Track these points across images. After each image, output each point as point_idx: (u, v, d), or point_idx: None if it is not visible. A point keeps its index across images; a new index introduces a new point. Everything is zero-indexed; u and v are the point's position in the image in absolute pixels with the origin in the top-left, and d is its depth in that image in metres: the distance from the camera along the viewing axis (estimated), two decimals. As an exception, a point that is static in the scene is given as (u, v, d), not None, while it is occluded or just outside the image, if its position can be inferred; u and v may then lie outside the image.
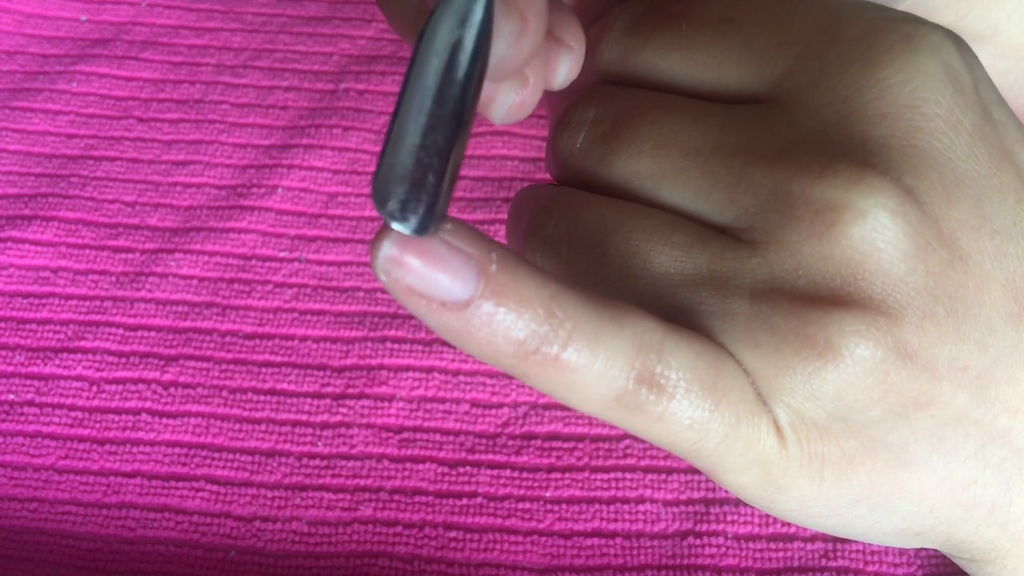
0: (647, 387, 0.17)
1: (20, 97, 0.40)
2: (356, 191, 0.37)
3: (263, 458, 0.31)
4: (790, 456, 0.18)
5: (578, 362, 0.16)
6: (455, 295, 0.16)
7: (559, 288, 0.16)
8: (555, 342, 0.16)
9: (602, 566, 0.29)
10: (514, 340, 0.16)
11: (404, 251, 0.16)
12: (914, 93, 0.17)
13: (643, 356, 0.17)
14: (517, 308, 0.16)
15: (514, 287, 0.16)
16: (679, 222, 0.19)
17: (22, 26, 0.43)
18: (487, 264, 0.16)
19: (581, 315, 0.16)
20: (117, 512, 0.30)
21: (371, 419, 0.32)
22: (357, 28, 0.44)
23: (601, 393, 0.17)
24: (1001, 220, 0.18)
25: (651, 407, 0.17)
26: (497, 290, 0.16)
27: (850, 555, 0.28)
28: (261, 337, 0.34)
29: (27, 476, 0.31)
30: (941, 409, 0.18)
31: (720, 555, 0.29)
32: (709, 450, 0.18)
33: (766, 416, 0.18)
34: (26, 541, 0.30)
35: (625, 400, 0.17)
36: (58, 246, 0.36)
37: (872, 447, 0.18)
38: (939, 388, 0.17)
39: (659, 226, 0.19)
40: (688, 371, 0.17)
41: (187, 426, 0.32)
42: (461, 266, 0.16)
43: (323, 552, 0.30)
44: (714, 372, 0.17)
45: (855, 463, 0.18)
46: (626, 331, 0.17)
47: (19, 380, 0.33)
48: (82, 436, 0.32)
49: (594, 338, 0.16)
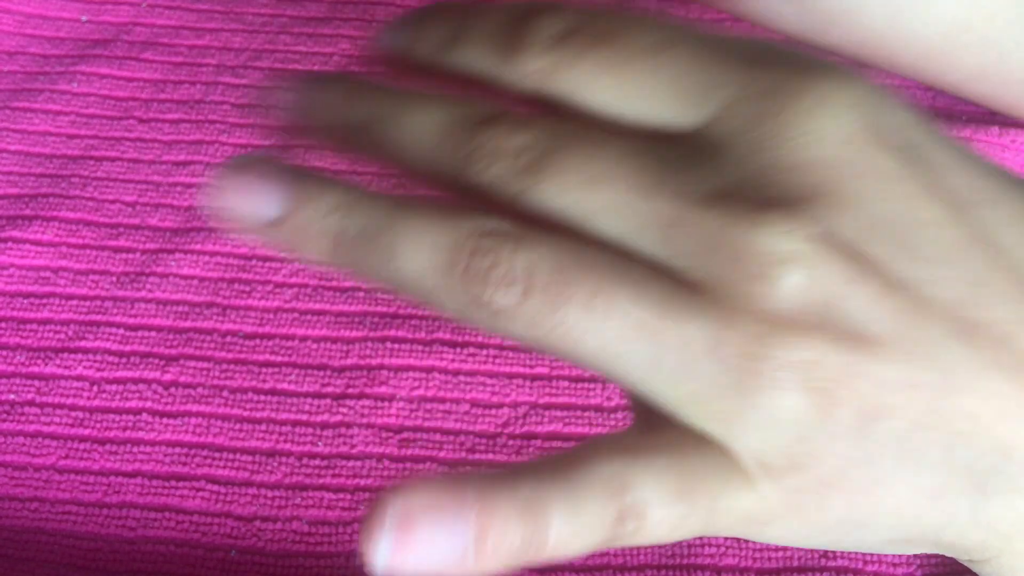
0: (628, 519, 0.18)
1: (21, 97, 0.41)
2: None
3: (263, 458, 0.31)
4: (768, 499, 0.18)
5: (565, 534, 0.18)
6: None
7: (532, 490, 0.18)
8: (544, 538, 0.18)
9: (602, 566, 0.29)
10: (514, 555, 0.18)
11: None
12: (839, 143, 0.18)
13: (617, 499, 0.18)
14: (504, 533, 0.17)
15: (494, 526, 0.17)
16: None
17: (23, 26, 0.43)
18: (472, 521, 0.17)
19: (555, 501, 0.18)
20: (118, 512, 0.31)
21: (371, 419, 0.32)
22: (357, 29, 0.44)
23: (592, 544, 0.18)
24: (932, 249, 0.18)
25: (636, 533, 0.18)
26: (482, 530, 0.17)
27: (849, 555, 0.29)
28: (261, 337, 0.34)
29: (28, 476, 0.31)
30: (898, 421, 0.18)
31: (719, 555, 0.29)
32: (698, 532, 0.19)
33: (737, 476, 0.18)
34: (27, 541, 0.30)
35: (612, 538, 0.18)
36: (59, 246, 0.36)
37: (842, 468, 0.18)
38: (892, 401, 0.18)
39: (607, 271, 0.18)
40: (657, 490, 0.18)
41: (187, 426, 0.32)
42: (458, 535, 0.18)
43: (323, 552, 0.30)
44: (679, 472, 0.18)
45: (831, 487, 0.18)
46: (596, 486, 0.18)
47: (20, 380, 0.33)
48: (83, 436, 0.32)
49: (572, 510, 0.18)
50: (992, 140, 0.37)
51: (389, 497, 0.17)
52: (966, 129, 0.37)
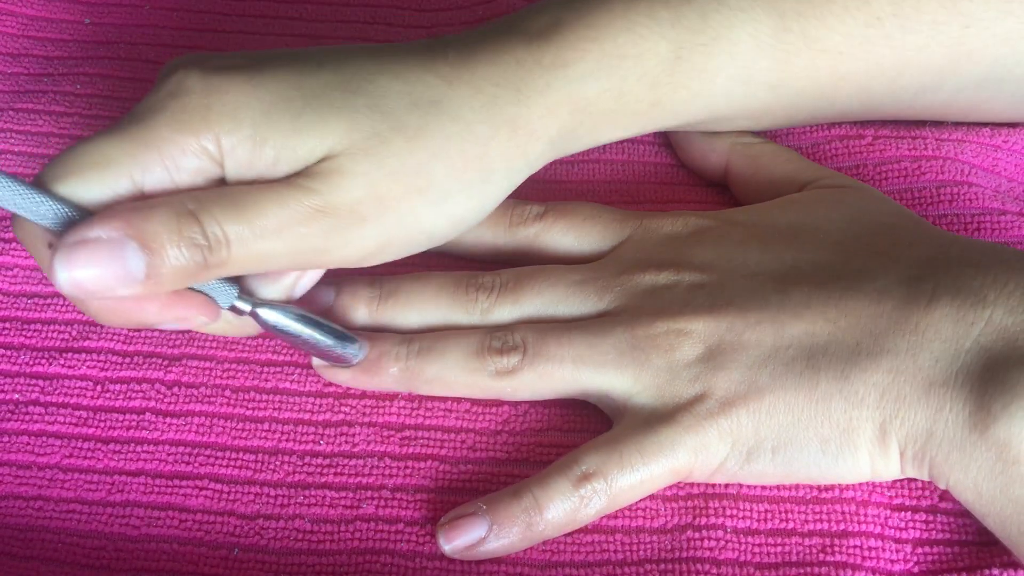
0: (586, 482, 0.29)
1: (25, 99, 0.41)
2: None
3: (266, 457, 0.32)
4: (684, 425, 0.29)
5: (556, 513, 0.29)
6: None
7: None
8: (539, 520, 0.29)
9: (602, 561, 0.29)
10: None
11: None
12: (679, 237, 0.33)
13: (572, 471, 0.29)
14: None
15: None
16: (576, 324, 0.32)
17: (26, 29, 0.44)
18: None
19: (532, 483, 0.29)
20: (122, 511, 0.31)
21: (372, 417, 0.32)
22: (358, 30, 0.44)
23: (569, 504, 0.29)
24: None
25: (606, 489, 0.29)
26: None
27: (848, 550, 0.29)
28: (263, 336, 0.34)
29: (32, 475, 0.31)
30: (750, 350, 0.30)
31: (719, 548, 0.29)
32: (646, 477, 0.29)
33: (656, 419, 0.29)
34: (31, 539, 0.30)
35: (584, 497, 0.29)
36: (62, 247, 0.36)
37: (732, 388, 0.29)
38: (742, 337, 0.30)
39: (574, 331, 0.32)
40: (596, 456, 0.29)
41: (191, 425, 0.32)
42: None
43: (325, 550, 0.30)
44: (608, 439, 0.29)
45: (729, 403, 0.29)
46: (556, 468, 0.29)
47: (24, 380, 0.33)
48: (87, 435, 0.32)
49: (543, 485, 0.29)
50: (984, 141, 0.37)
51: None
52: (957, 131, 0.37)
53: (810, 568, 0.29)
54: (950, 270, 0.28)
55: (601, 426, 0.31)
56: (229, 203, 0.27)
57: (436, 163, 0.29)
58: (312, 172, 0.28)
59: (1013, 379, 0.26)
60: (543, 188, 0.37)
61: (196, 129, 0.27)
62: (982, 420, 0.26)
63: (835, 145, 0.37)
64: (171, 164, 0.27)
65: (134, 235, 0.26)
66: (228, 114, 0.27)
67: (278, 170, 0.28)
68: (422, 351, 0.31)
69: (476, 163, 0.30)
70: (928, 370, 0.27)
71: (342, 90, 0.28)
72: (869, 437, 0.28)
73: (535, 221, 0.34)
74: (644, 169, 0.38)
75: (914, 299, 0.28)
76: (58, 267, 0.26)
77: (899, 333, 0.28)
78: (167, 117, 0.27)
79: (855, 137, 0.37)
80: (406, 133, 0.28)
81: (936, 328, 0.27)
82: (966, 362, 0.27)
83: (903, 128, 0.37)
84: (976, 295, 0.27)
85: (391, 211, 0.29)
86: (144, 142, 0.27)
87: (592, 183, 0.38)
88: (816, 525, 0.29)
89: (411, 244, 0.30)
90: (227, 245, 0.27)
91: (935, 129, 0.37)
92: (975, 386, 0.26)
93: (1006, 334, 0.26)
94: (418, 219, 0.29)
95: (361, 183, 0.28)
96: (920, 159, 0.36)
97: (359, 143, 0.28)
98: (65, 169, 0.27)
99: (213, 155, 0.27)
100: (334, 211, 0.28)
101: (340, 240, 0.28)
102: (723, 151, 0.36)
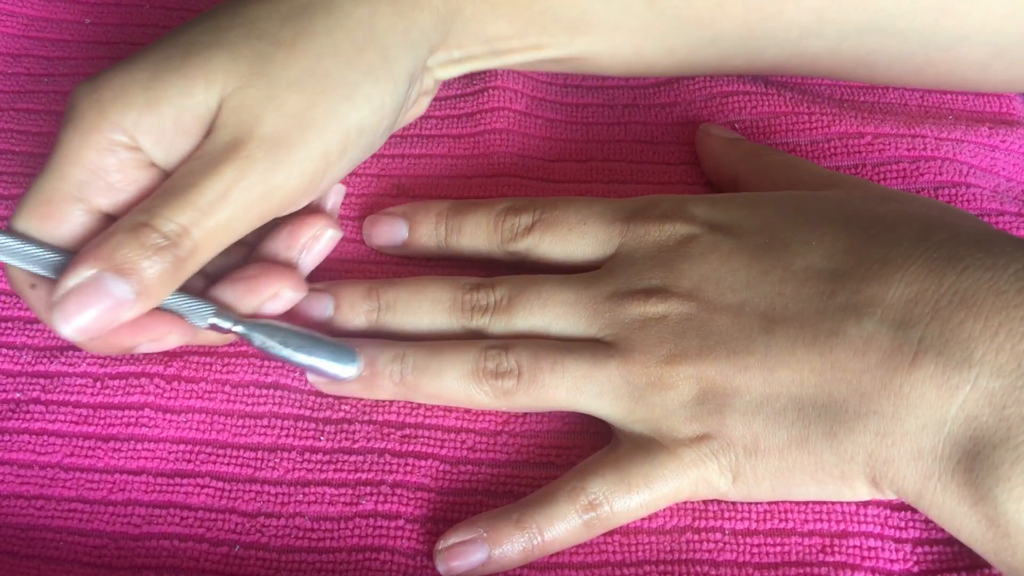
0: (591, 509, 0.29)
1: (26, 99, 0.41)
2: (359, 191, 0.38)
3: (266, 454, 0.32)
4: (684, 459, 0.29)
5: (554, 532, 0.29)
6: None
7: (520, 513, 0.29)
8: (541, 540, 0.29)
9: (601, 562, 0.29)
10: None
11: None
12: (672, 251, 0.32)
13: (578, 499, 0.29)
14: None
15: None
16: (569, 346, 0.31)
17: (27, 29, 0.44)
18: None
19: (535, 511, 0.29)
20: (123, 509, 0.31)
21: (373, 415, 0.32)
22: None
23: (574, 529, 0.29)
24: (735, 286, 0.30)
25: (609, 517, 0.29)
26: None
27: (847, 550, 0.29)
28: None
29: (34, 474, 0.31)
30: (745, 395, 0.29)
31: (718, 550, 0.29)
32: (650, 503, 0.29)
33: (662, 453, 0.29)
34: (33, 538, 0.30)
35: (591, 522, 0.29)
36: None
37: (732, 433, 0.29)
38: (736, 382, 0.29)
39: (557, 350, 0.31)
40: (603, 485, 0.29)
41: (191, 422, 0.32)
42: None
43: (326, 547, 0.30)
44: (615, 467, 0.29)
45: (731, 445, 0.29)
46: (562, 493, 0.29)
47: (25, 379, 0.33)
48: (87, 433, 0.32)
49: (548, 514, 0.29)
50: (982, 141, 0.37)
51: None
52: (956, 130, 0.37)
53: (810, 568, 0.29)
54: (939, 313, 0.27)
55: (601, 426, 0.31)
56: (171, 197, 0.28)
57: (327, 60, 0.29)
58: (219, 125, 0.28)
59: (998, 460, 0.25)
60: (543, 188, 0.37)
61: (97, 126, 0.28)
62: (971, 495, 0.26)
63: (834, 144, 0.37)
64: (99, 172, 0.29)
65: (107, 267, 0.27)
66: (117, 96, 0.28)
67: (191, 130, 0.29)
68: (417, 369, 0.31)
69: (368, 45, 0.30)
70: (915, 436, 0.26)
71: (214, 31, 0.29)
72: (863, 482, 0.28)
73: (524, 235, 0.33)
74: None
75: (899, 351, 0.27)
76: (59, 324, 0.28)
77: (884, 395, 0.27)
78: (70, 131, 0.28)
79: (854, 136, 0.37)
80: (285, 44, 0.29)
81: (920, 392, 0.26)
82: (952, 431, 0.26)
83: (902, 127, 0.37)
84: (963, 350, 0.26)
85: (309, 122, 0.29)
86: (67, 160, 0.28)
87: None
88: (815, 525, 0.29)
89: (351, 147, 0.31)
90: (187, 234, 0.28)
91: (934, 128, 0.37)
92: (962, 459, 0.26)
93: (993, 399, 0.25)
94: (339, 120, 0.30)
95: (265, 107, 0.28)
96: (919, 160, 0.36)
97: (245, 70, 0.29)
98: (23, 212, 0.29)
99: (127, 143, 0.28)
100: (258, 149, 0.28)
101: (281, 174, 0.29)
102: (734, 160, 0.36)
